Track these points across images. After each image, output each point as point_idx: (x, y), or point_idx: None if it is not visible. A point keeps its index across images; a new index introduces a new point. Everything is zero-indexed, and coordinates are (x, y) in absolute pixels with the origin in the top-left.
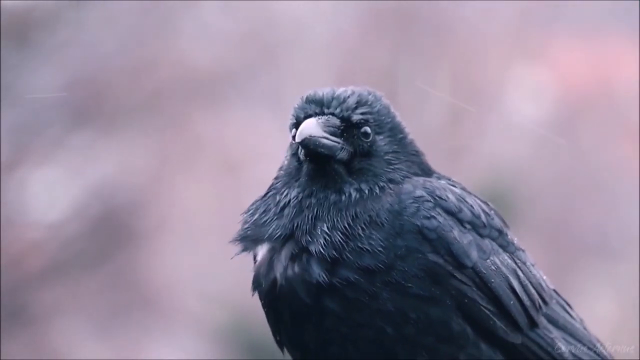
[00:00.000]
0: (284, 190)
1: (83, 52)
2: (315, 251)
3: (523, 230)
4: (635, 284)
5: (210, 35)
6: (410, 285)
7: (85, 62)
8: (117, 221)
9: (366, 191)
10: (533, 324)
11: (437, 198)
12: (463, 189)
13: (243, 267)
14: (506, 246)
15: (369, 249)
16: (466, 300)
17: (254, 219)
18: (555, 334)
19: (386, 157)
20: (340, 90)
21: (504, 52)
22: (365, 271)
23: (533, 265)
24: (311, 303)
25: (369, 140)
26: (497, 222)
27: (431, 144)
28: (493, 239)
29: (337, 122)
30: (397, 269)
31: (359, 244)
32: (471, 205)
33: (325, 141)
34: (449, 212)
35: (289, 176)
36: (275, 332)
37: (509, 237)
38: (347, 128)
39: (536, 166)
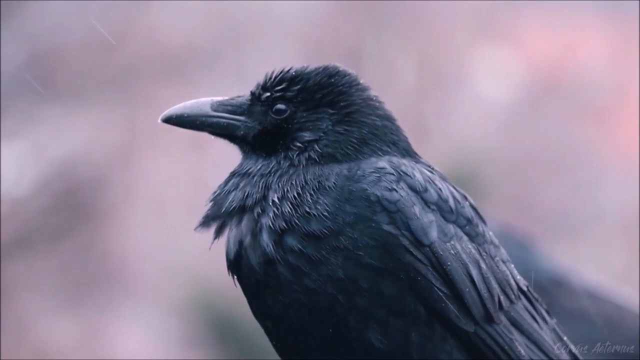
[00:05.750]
0: (242, 163)
1: (51, 25)
2: (265, 224)
3: (487, 209)
4: (596, 262)
5: (180, 12)
6: (360, 253)
7: (53, 35)
8: (83, 196)
9: (286, 164)
10: (489, 317)
11: (401, 173)
12: (442, 177)
13: (209, 242)
14: (474, 236)
15: (315, 213)
16: (419, 278)
17: (216, 194)
18: (516, 336)
19: (320, 133)
20: (280, 68)
21: (470, 32)
22: (311, 237)
23: (505, 262)
24: (262, 272)
25: (281, 116)
26: (467, 211)
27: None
28: (460, 226)
29: (242, 100)
30: (346, 235)
31: (307, 209)
32: (439, 189)
33: (214, 120)
34: (412, 188)
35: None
36: (249, 304)
37: (480, 229)
38: (257, 106)
39: (501, 145)
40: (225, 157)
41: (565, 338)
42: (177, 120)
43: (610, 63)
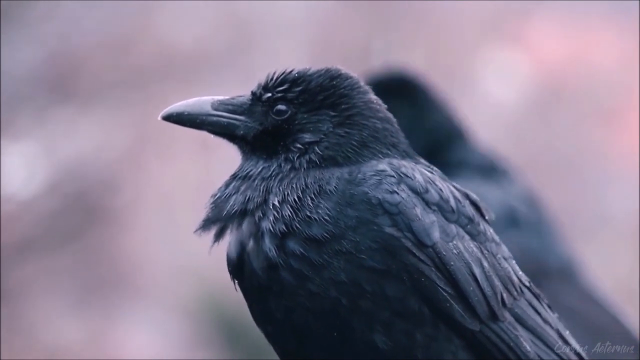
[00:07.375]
0: (242, 164)
1: (62, 28)
2: (265, 228)
3: None
4: (602, 265)
5: (189, 14)
6: (363, 256)
7: (64, 38)
8: (92, 197)
9: (286, 166)
10: (494, 315)
11: (402, 175)
12: (442, 177)
13: (216, 244)
14: (475, 235)
15: (317, 217)
16: (423, 279)
17: (217, 197)
18: (521, 332)
19: (320, 135)
20: (282, 69)
21: (478, 33)
22: (313, 241)
23: (506, 259)
24: (265, 277)
25: (282, 117)
26: (468, 210)
27: None
28: (461, 226)
29: (243, 100)
30: (348, 239)
31: (308, 213)
32: (440, 189)
33: (213, 119)
34: (413, 190)
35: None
36: (249, 308)
37: (482, 227)
38: (258, 106)
39: (508, 147)
40: (234, 160)
41: (567, 332)
42: (177, 118)
43: (619, 65)
